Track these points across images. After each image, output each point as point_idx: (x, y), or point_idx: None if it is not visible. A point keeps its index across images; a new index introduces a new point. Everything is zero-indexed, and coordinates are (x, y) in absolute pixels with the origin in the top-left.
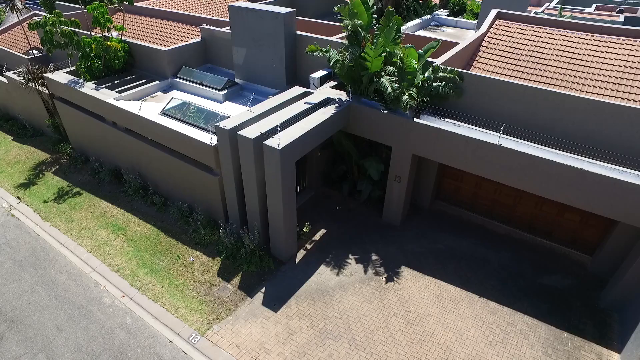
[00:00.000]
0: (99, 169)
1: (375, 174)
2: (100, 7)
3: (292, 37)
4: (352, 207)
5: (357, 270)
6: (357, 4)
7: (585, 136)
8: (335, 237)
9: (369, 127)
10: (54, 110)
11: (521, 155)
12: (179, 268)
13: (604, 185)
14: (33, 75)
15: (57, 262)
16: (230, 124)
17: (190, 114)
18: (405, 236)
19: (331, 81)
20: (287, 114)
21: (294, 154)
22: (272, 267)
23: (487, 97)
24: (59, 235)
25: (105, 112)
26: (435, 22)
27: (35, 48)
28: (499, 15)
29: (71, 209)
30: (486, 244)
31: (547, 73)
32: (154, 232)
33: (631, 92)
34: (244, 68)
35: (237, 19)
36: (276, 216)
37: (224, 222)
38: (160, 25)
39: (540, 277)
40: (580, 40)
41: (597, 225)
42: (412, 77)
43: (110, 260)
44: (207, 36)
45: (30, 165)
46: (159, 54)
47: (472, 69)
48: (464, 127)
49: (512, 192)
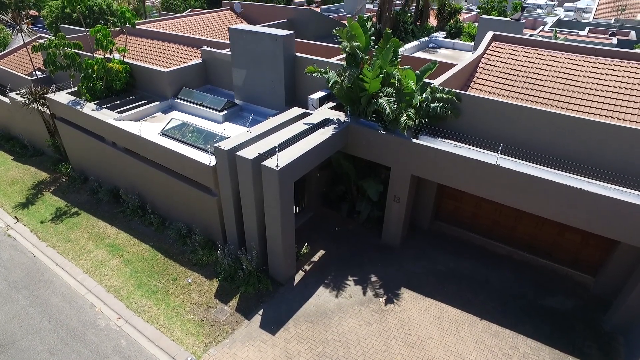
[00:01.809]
0: (98, 189)
1: (374, 195)
2: (103, 29)
3: (291, 59)
4: (351, 228)
5: (357, 291)
6: (355, 27)
7: (584, 156)
8: (334, 258)
9: (367, 148)
10: (54, 130)
11: (520, 176)
12: (176, 289)
13: (603, 205)
14: (35, 96)
15: (52, 284)
16: (229, 144)
17: (190, 135)
18: (405, 257)
19: (330, 102)
20: (286, 135)
21: (292, 174)
22: (270, 288)
23: (485, 118)
24: (55, 256)
25: (105, 132)
26: (432, 44)
27: (38, 69)
28: (495, 38)
29: (69, 229)
30: (487, 265)
31: (543, 94)
32: (152, 253)
33: (627, 112)
34: (244, 89)
35: (237, 41)
36: (274, 237)
37: (222, 243)
38: (162, 47)
39: (542, 299)
40: (575, 62)
41: (599, 245)
42: (410, 98)
43: (107, 282)
44: (208, 58)
45: (29, 185)
46: (159, 75)
47: (469, 89)
48: (463, 147)
49: (512, 212)
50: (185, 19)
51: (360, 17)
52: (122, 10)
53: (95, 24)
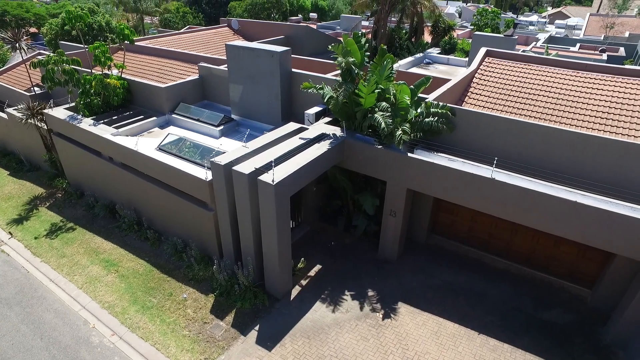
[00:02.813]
0: (94, 204)
1: (370, 209)
2: (102, 46)
3: (288, 75)
4: (348, 242)
5: (353, 306)
6: (350, 43)
7: (577, 169)
8: (331, 273)
9: (363, 162)
10: (51, 145)
11: (514, 189)
12: (171, 305)
13: (597, 218)
14: (33, 112)
15: (46, 300)
16: (225, 159)
17: (186, 150)
18: (402, 271)
19: (326, 117)
20: (282, 150)
21: (288, 189)
22: (266, 304)
23: (479, 132)
24: (49, 272)
25: (102, 147)
26: (427, 60)
27: (36, 85)
28: (488, 53)
29: (63, 244)
30: (484, 279)
31: (536, 108)
32: (147, 268)
33: (618, 126)
34: (240, 105)
35: (234, 57)
36: (271, 252)
37: (218, 258)
38: (160, 63)
39: (540, 312)
40: (567, 77)
41: (595, 258)
42: (405, 112)
43: (101, 297)
44: (205, 74)
45: (24, 200)
46: (157, 91)
47: (463, 104)
48: (458, 161)
49: (508, 225)
50: (183, 35)
51: (355, 34)
52: (121, 28)
53: (94, 40)
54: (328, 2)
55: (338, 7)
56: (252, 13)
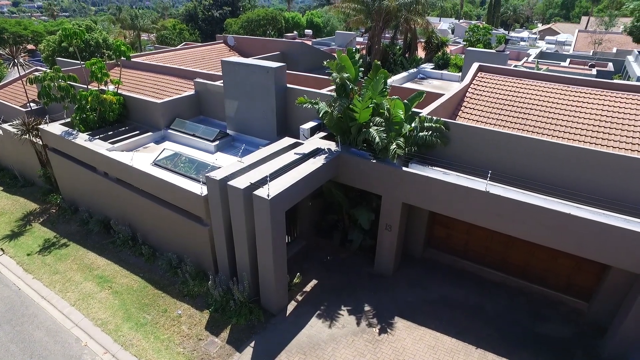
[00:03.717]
0: (88, 220)
1: (365, 223)
2: (99, 62)
3: (283, 90)
4: (344, 257)
5: (350, 321)
6: (344, 59)
7: (569, 182)
8: (327, 288)
9: (358, 177)
10: (46, 160)
11: (509, 202)
12: (166, 322)
13: (591, 230)
14: (28, 127)
15: (37, 318)
16: (220, 174)
17: (182, 165)
18: (398, 285)
19: (321, 132)
20: (277, 165)
21: (284, 203)
22: (262, 319)
23: (473, 146)
24: (41, 289)
25: (97, 162)
26: (421, 75)
27: (32, 101)
28: (481, 68)
29: (56, 260)
30: (481, 292)
31: (529, 122)
32: (141, 284)
33: (609, 139)
34: (236, 120)
35: (230, 73)
36: (266, 267)
37: (213, 274)
38: (156, 79)
39: (538, 326)
40: (558, 91)
41: (591, 270)
42: (400, 127)
43: (94, 314)
44: (201, 89)
45: (17, 216)
46: (152, 106)
47: (457, 118)
48: (452, 175)
49: (504, 238)
50: (179, 52)
51: (349, 50)
52: (118, 44)
53: (91, 57)
54: (323, 19)
55: (333, 24)
56: (248, 30)
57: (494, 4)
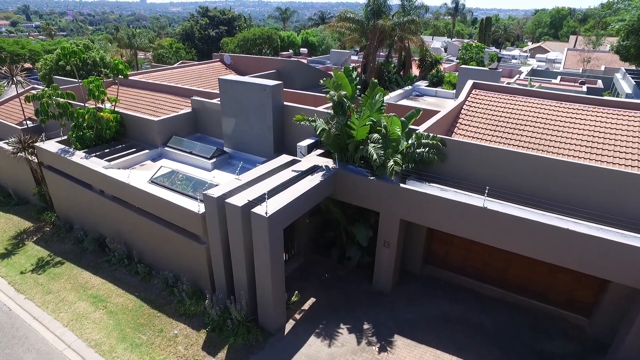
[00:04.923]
0: (83, 238)
1: (363, 240)
2: (96, 80)
3: (280, 108)
4: (342, 274)
5: (349, 340)
6: (341, 77)
7: (565, 197)
8: (325, 306)
9: (356, 194)
10: (41, 178)
11: (507, 217)
12: (162, 342)
13: (590, 245)
14: (24, 145)
15: (28, 339)
16: (218, 191)
17: (179, 182)
18: (397, 303)
19: (318, 149)
20: (275, 182)
21: (281, 221)
22: (259, 339)
23: (469, 162)
24: (33, 309)
25: (93, 180)
26: (416, 92)
27: (29, 119)
28: (475, 86)
29: (50, 279)
30: (481, 309)
31: (524, 137)
32: (137, 304)
33: (603, 154)
34: (233, 137)
35: (227, 91)
36: (264, 285)
37: (210, 292)
38: (153, 97)
39: (539, 343)
40: (552, 108)
41: (591, 285)
42: (397, 144)
43: (88, 335)
44: (198, 107)
45: (10, 234)
46: (149, 124)
47: (453, 135)
48: (450, 191)
49: (503, 254)
50: (176, 70)
51: (346, 68)
52: (116, 62)
53: (88, 75)
54: (318, 37)
55: (328, 43)
56: (244, 48)
57: (485, 23)
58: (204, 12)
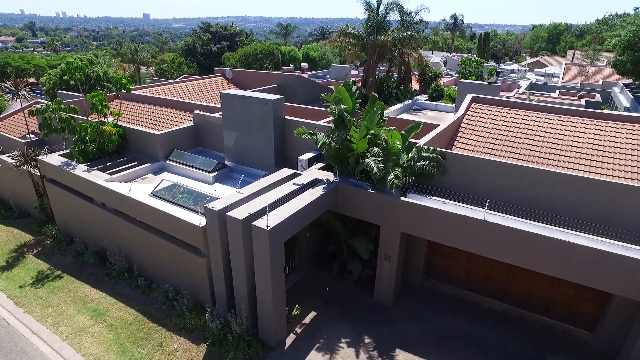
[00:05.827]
0: (84, 251)
1: (364, 253)
2: (99, 94)
3: (281, 122)
4: (343, 288)
5: (350, 354)
6: (341, 91)
7: (567, 209)
8: (326, 320)
9: (356, 207)
10: (43, 191)
11: (507, 230)
12: (161, 356)
13: (591, 257)
14: (26, 158)
15: (26, 354)
16: (219, 205)
17: (180, 196)
18: (398, 316)
19: (319, 163)
20: (276, 195)
21: (282, 234)
22: (260, 353)
23: (469, 175)
24: (32, 323)
25: (95, 193)
26: (416, 106)
27: (32, 132)
28: (474, 99)
29: (49, 293)
30: (482, 322)
31: (523, 150)
32: (137, 317)
33: (602, 167)
34: (234, 151)
35: (229, 105)
36: (265, 299)
37: (210, 306)
38: (155, 111)
39: (542, 357)
40: (551, 121)
41: (594, 299)
42: (397, 157)
43: (87, 349)
44: (199, 121)
45: (10, 247)
46: (151, 138)
47: (453, 148)
48: (450, 204)
49: (505, 267)
50: (178, 84)
51: (347, 82)
52: (119, 77)
53: (92, 89)
54: (318, 52)
55: (328, 57)
56: (246, 63)
57: (484, 38)
58: (206, 28)
